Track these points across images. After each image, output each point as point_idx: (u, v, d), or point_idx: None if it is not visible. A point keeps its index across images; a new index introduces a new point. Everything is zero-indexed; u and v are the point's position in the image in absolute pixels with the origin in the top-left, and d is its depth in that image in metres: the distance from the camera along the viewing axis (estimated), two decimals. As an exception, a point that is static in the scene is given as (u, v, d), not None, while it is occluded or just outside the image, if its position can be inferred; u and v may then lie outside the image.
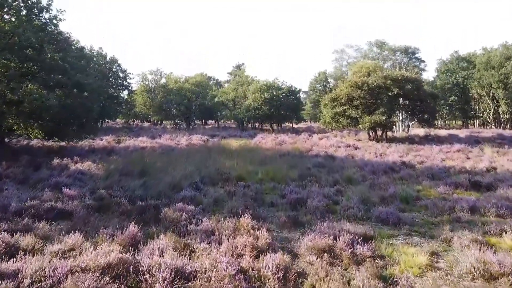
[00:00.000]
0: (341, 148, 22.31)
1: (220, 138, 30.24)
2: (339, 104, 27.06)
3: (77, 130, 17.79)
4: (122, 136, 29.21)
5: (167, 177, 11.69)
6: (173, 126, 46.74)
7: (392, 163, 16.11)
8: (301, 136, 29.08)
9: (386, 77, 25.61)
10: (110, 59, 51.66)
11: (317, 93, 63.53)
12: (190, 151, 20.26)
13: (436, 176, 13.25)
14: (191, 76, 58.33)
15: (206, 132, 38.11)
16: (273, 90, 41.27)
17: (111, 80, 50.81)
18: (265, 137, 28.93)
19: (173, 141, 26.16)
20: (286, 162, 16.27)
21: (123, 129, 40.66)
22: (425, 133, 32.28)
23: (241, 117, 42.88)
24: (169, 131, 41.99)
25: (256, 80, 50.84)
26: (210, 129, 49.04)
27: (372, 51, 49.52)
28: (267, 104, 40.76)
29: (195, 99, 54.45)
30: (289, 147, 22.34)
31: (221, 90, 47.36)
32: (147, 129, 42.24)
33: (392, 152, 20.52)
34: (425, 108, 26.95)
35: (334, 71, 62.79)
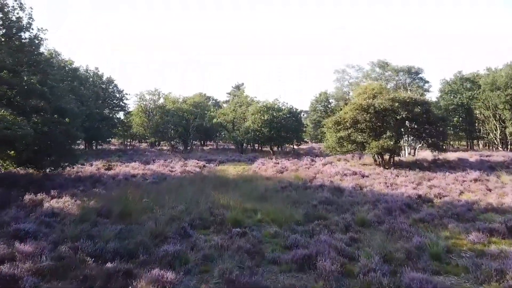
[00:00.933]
0: (347, 177, 20.62)
1: (217, 163, 28.59)
2: (344, 128, 25.52)
3: (56, 159, 16.16)
4: (113, 161, 27.55)
5: (150, 222, 9.97)
6: (170, 148, 45.11)
7: (407, 198, 14.41)
8: (303, 162, 27.42)
9: (394, 100, 24.16)
10: (106, 80, 50.55)
11: (318, 113, 62.34)
12: (183, 182, 18.54)
13: (461, 216, 11.52)
14: (189, 97, 57.21)
15: (204, 155, 36.48)
16: (273, 112, 39.88)
17: (107, 101, 49.54)
18: (265, 163, 27.28)
19: (167, 168, 24.49)
20: (288, 197, 14.58)
21: (117, 152, 39.03)
22: (433, 156, 30.64)
23: (240, 139, 41.36)
24: (165, 154, 40.38)
25: (255, 101, 49.60)
26: (208, 151, 47.46)
27: (374, 71, 48.47)
28: (267, 126, 39.28)
29: (193, 120, 53.09)
30: (291, 176, 20.65)
31: (220, 111, 46.04)
32: (142, 152, 40.62)
33: (403, 182, 18.82)
34: (434, 131, 25.40)
35: (335, 91, 61.84)
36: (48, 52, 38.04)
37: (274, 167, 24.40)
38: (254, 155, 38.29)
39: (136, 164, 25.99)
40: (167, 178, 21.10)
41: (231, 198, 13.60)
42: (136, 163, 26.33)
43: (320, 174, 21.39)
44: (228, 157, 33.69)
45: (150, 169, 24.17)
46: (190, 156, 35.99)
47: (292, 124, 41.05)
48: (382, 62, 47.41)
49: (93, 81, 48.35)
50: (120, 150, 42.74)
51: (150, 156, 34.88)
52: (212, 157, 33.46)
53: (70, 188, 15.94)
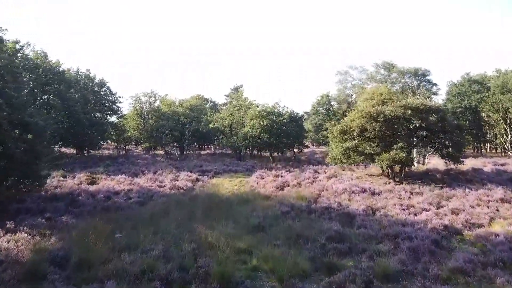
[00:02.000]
0: (356, 195, 18.33)
1: (211, 176, 26.27)
2: (350, 138, 23.22)
3: (14, 182, 13.90)
4: (98, 173, 25.26)
5: (111, 281, 7.69)
6: (164, 154, 42.76)
7: (432, 230, 12.13)
8: (306, 174, 25.09)
9: (406, 107, 21.86)
10: (98, 82, 48.24)
11: (320, 116, 59.99)
12: (170, 203, 16.26)
13: (508, 264, 9.24)
14: (186, 99, 54.90)
15: (199, 164, 34.16)
16: (273, 117, 37.56)
17: (99, 104, 47.22)
18: (264, 175, 24.96)
19: (156, 182, 22.20)
20: (290, 228, 12.29)
21: (107, 159, 36.70)
22: (445, 165, 28.33)
23: (238, 145, 39.07)
24: (158, 161, 38.08)
25: (254, 104, 47.29)
26: (205, 157, 45.14)
27: (379, 73, 46.16)
28: (266, 132, 36.96)
29: (190, 124, 50.79)
30: (293, 194, 18.36)
31: (217, 116, 43.68)
32: (134, 159, 38.25)
33: (420, 203, 16.51)
34: (450, 141, 23.10)
35: (337, 93, 59.53)
36: (33, 54, 36.07)
37: (274, 181, 22.10)
38: (253, 163, 35.99)
39: (122, 177, 23.68)
40: (154, 196, 18.84)
41: (222, 231, 11.34)
42: (123, 176, 24.01)
43: (325, 192, 19.09)
44: (225, 167, 31.37)
45: (137, 183, 21.88)
46: (184, 164, 33.69)
47: (293, 129, 38.74)
48: (387, 63, 45.10)
49: (84, 84, 46.09)
50: (111, 157, 40.42)
51: (141, 165, 32.55)
52: (207, 166, 31.12)
53: (35, 215, 13.67)
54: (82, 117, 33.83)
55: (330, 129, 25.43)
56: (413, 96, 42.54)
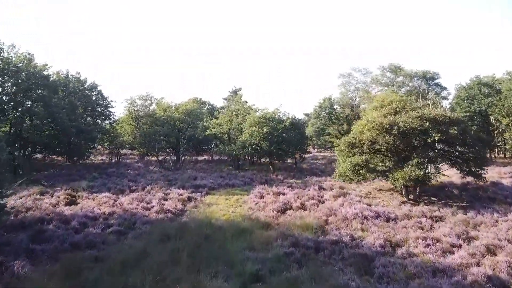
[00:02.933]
0: (370, 222, 15.92)
1: (206, 192, 23.81)
2: (360, 152, 20.80)
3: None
4: (81, 190, 22.81)
5: None
6: (157, 163, 40.25)
7: (473, 284, 9.71)
8: (310, 191, 22.59)
9: (423, 118, 19.45)
10: (89, 86, 45.81)
11: (322, 120, 57.58)
12: (152, 239, 13.81)
13: None
14: (182, 103, 52.43)
15: (193, 175, 31.72)
16: (273, 124, 35.13)
17: (89, 109, 44.78)
18: (263, 192, 22.49)
19: (142, 203, 19.73)
20: (296, 280, 9.88)
21: (96, 170, 34.20)
22: (461, 177, 25.91)
23: (236, 154, 36.63)
24: (151, 172, 35.64)
25: (254, 109, 44.86)
26: (201, 165, 42.73)
27: (384, 76, 43.76)
28: (266, 140, 34.53)
29: (186, 129, 48.38)
30: (297, 221, 15.94)
31: (214, 122, 41.21)
32: (124, 170, 35.71)
33: (446, 235, 14.10)
34: (471, 156, 20.66)
35: (340, 97, 57.14)
36: (16, 58, 33.57)
37: (274, 202, 19.63)
38: (252, 174, 33.58)
39: (106, 196, 21.24)
40: (137, 222, 16.40)
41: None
42: (107, 194, 21.57)
43: (334, 217, 16.65)
44: (221, 180, 28.92)
45: (120, 204, 19.44)
46: (178, 176, 31.26)
47: (295, 137, 36.31)
48: (393, 66, 42.66)
49: (74, 88, 43.65)
50: (101, 167, 37.95)
51: (130, 177, 30.09)
52: (202, 180, 28.59)
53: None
54: (67, 125, 31.37)
55: (337, 142, 22.96)
56: (422, 101, 40.19)
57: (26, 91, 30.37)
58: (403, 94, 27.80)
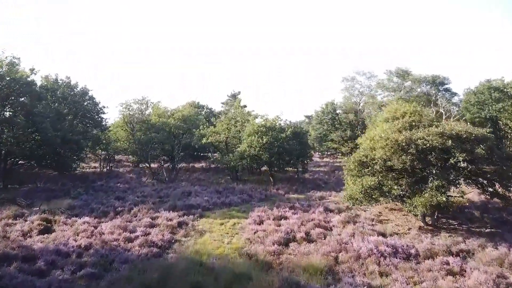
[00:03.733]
0: (387, 261, 13.57)
1: (200, 213, 21.44)
2: (371, 172, 18.44)
3: None
4: (58, 214, 20.45)
5: None
6: (150, 175, 37.75)
7: None
8: (315, 215, 20.20)
9: (444, 135, 17.11)
10: (80, 91, 43.43)
11: (325, 126, 55.21)
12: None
13: None
14: (178, 108, 50.06)
15: (187, 190, 29.35)
16: (273, 133, 32.74)
17: (79, 116, 42.39)
18: (263, 216, 20.08)
19: (125, 232, 17.36)
20: None
21: (82, 184, 31.73)
22: (479, 194, 23.49)
23: (234, 165, 34.25)
24: (142, 185, 33.28)
25: (253, 115, 42.49)
26: (197, 175, 40.37)
27: (391, 81, 41.41)
28: (266, 150, 32.17)
29: (181, 137, 46.04)
30: (302, 261, 13.57)
31: (210, 130, 38.79)
32: (114, 183, 33.20)
33: (482, 283, 11.75)
34: (498, 177, 18.29)
35: (343, 101, 54.82)
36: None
37: (276, 231, 17.22)
38: (251, 188, 31.20)
39: (86, 221, 18.89)
40: (115, 260, 14.02)
41: None
42: (87, 220, 19.20)
43: (345, 254, 14.27)
44: (217, 197, 26.52)
45: (100, 234, 17.08)
46: (170, 191, 28.91)
47: (297, 147, 33.93)
48: (401, 70, 40.28)
49: (62, 94, 41.28)
50: (89, 178, 35.55)
51: (119, 193, 27.70)
52: (196, 197, 26.17)
53: None
54: (51, 135, 28.98)
55: (346, 159, 20.57)
56: (433, 108, 37.83)
57: (6, 99, 28.01)
58: (417, 104, 25.41)
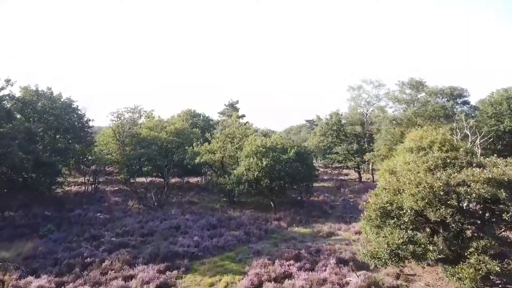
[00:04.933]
0: None
1: (186, 265, 17.70)
2: (398, 225, 14.74)
3: None
4: (10, 271, 16.68)
5: None
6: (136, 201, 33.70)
7: None
8: (325, 273, 16.43)
9: (492, 181, 13.39)
10: (63, 103, 39.69)
11: (329, 138, 51.48)
12: None
13: None
14: (171, 120, 46.29)
15: (175, 223, 25.62)
16: (274, 154, 29.04)
17: (61, 131, 38.64)
18: (262, 275, 16.30)
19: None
20: None
21: (57, 213, 27.87)
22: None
23: (230, 189, 30.53)
24: (128, 213, 29.52)
25: (252, 129, 38.82)
26: (190, 199, 36.59)
27: (403, 93, 37.73)
28: (266, 174, 28.51)
29: (174, 152, 42.33)
30: None
31: (204, 148, 34.97)
32: (94, 212, 29.26)
33: None
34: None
35: (349, 112, 51.11)
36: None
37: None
38: (248, 218, 27.52)
39: (40, 286, 15.14)
40: None
41: None
42: (42, 283, 15.43)
43: None
44: (209, 234, 22.79)
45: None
46: (157, 224, 25.19)
47: (301, 170, 30.20)
48: (414, 81, 36.59)
49: (43, 107, 37.58)
50: (68, 203, 31.73)
51: (93, 232, 23.86)
52: (185, 236, 22.33)
53: None
54: (19, 161, 25.23)
55: (363, 205, 16.86)
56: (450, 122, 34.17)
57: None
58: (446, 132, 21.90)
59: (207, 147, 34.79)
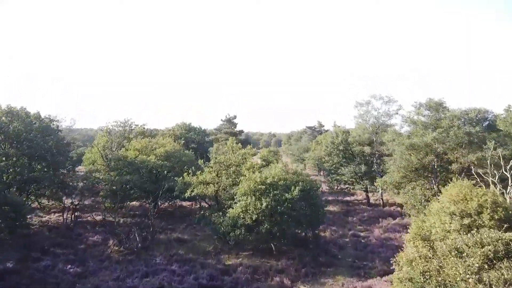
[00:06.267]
0: None
1: None
2: None
3: None
4: None
5: None
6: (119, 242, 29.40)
7: None
8: None
9: None
10: (40, 127, 35.47)
11: (335, 159, 47.34)
12: None
13: None
14: (161, 141, 42.10)
15: (160, 279, 21.45)
16: (277, 193, 24.87)
17: (36, 157, 34.48)
18: None
19: None
20: None
21: (7, 273, 23.51)
22: None
23: (223, 231, 26.38)
24: (104, 262, 25.33)
25: (251, 152, 34.66)
26: (179, 237, 32.41)
27: (421, 115, 33.62)
28: (266, 218, 24.38)
29: (165, 177, 38.23)
30: None
31: (196, 178, 30.74)
32: (63, 265, 24.86)
33: None
34: None
35: (356, 129, 46.96)
36: None
37: None
38: (244, 269, 23.38)
39: None
40: None
41: None
42: None
43: None
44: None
45: None
46: (136, 281, 21.03)
47: (306, 210, 26.01)
48: (433, 102, 32.44)
49: (15, 131, 33.43)
50: (33, 250, 27.43)
51: None
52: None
53: None
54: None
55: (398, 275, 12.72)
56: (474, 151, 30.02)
57: None
58: (496, 191, 18.25)
59: (199, 177, 30.60)
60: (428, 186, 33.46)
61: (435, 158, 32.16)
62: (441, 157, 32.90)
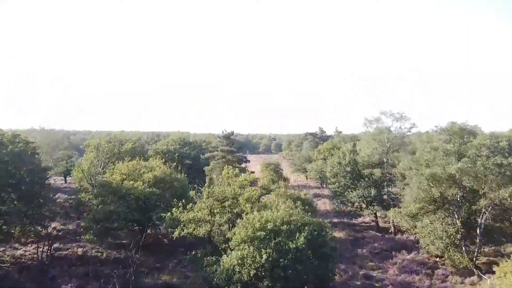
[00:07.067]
0: None
1: None
2: None
3: None
4: None
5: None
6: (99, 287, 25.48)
7: None
8: None
9: None
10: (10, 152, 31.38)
11: (342, 181, 43.40)
12: None
13: None
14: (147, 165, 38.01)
15: None
16: (279, 239, 20.96)
17: (7, 190, 30.45)
18: None
19: None
20: None
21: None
22: None
23: (216, 284, 22.46)
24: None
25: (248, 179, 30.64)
26: (167, 278, 28.50)
27: (446, 142, 29.72)
28: (266, 273, 20.46)
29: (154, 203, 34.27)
30: None
31: (186, 215, 26.69)
32: None
33: None
34: None
35: (365, 148, 42.98)
36: None
37: None
38: None
39: None
40: None
41: None
42: None
43: None
44: None
45: None
46: None
47: (314, 261, 22.02)
48: (457, 128, 28.50)
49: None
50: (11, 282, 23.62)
51: None
52: None
53: None
54: None
55: None
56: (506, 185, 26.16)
57: None
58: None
59: (190, 214, 26.63)
60: (450, 221, 29.56)
61: (458, 191, 28.26)
62: (465, 188, 29.01)
